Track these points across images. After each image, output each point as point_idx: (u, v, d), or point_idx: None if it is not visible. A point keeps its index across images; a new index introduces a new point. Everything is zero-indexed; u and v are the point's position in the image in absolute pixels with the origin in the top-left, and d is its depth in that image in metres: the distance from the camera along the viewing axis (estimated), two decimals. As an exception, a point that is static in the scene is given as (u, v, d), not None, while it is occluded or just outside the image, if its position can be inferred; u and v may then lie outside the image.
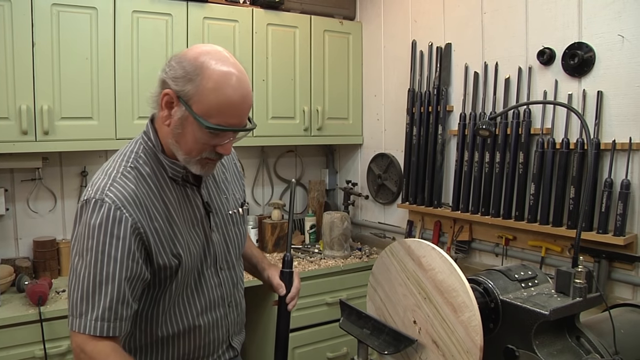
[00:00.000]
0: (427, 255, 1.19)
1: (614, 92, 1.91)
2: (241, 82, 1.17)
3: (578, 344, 1.21)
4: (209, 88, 1.14)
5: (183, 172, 1.27)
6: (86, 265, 1.14)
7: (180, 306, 1.30)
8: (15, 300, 2.21)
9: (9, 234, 2.58)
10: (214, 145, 1.21)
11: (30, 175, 2.60)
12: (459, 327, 1.10)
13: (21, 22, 2.21)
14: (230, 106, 1.16)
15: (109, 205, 1.15)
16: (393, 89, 3.01)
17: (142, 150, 1.27)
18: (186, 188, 1.30)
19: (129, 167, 1.23)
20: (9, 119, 2.22)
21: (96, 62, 2.39)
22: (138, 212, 1.18)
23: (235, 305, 1.44)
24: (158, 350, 1.32)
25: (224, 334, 1.40)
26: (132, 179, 1.21)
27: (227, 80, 1.15)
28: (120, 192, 1.18)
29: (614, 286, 1.94)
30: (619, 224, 1.84)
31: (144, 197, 1.21)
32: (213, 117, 1.15)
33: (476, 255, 2.52)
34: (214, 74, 1.15)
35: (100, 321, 1.12)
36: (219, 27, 2.72)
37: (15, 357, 2.04)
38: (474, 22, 2.45)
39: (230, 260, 1.42)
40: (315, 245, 3.18)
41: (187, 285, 1.31)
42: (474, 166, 2.37)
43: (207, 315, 1.35)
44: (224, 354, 1.43)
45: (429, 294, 1.17)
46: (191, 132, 1.18)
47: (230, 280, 1.41)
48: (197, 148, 1.20)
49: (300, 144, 3.22)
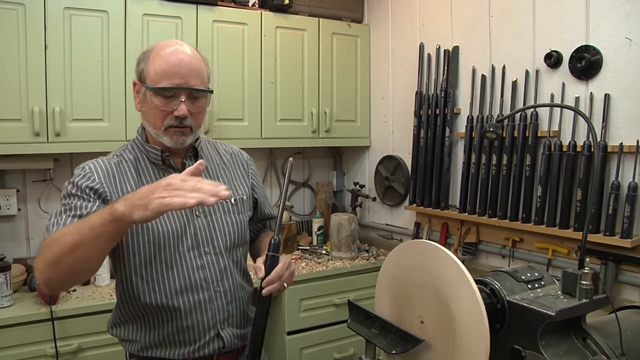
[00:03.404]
0: (434, 254, 1.20)
1: (621, 95, 1.91)
2: (179, 50, 1.35)
3: (584, 345, 1.21)
4: (152, 60, 1.34)
5: (161, 155, 1.41)
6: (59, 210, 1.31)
7: (160, 282, 1.37)
8: (27, 299, 2.25)
9: (20, 234, 2.62)
10: (171, 110, 1.34)
11: (42, 176, 2.63)
12: (464, 325, 1.11)
13: (34, 26, 2.25)
14: (169, 68, 1.32)
15: (82, 168, 1.37)
16: (401, 91, 3.02)
17: (131, 143, 1.46)
18: (168, 173, 1.39)
19: (115, 154, 1.44)
20: (21, 121, 2.26)
21: (107, 65, 2.43)
22: (107, 179, 1.36)
23: (224, 292, 1.44)
24: (139, 328, 1.40)
25: (208, 320, 1.41)
26: (114, 161, 1.41)
27: (165, 50, 1.35)
28: (96, 165, 1.38)
29: (621, 288, 1.94)
30: (626, 226, 1.84)
31: (118, 173, 1.39)
32: (159, 82, 1.32)
33: (483, 257, 2.52)
34: (158, 49, 1.36)
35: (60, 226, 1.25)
36: (228, 30, 2.74)
37: (27, 354, 2.07)
38: (481, 25, 2.46)
39: (218, 246, 1.44)
40: (323, 247, 3.19)
41: (162, 259, 1.37)
42: (481, 168, 2.38)
43: (187, 297, 1.39)
44: (210, 343, 1.42)
45: (436, 293, 1.18)
46: (150, 103, 1.34)
47: (216, 266, 1.43)
48: (157, 116, 1.35)
49: (308, 146, 3.23)
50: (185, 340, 1.39)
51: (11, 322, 2.05)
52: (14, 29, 2.21)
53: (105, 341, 2.20)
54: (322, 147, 3.46)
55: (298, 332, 2.73)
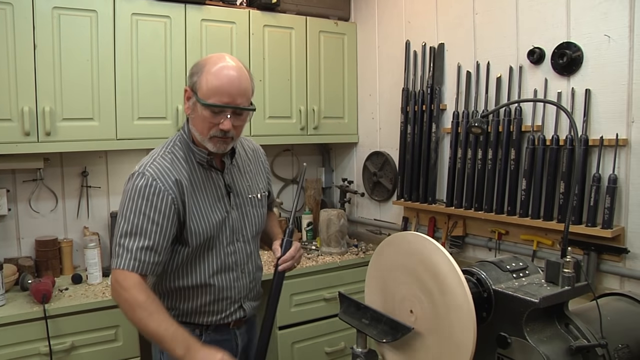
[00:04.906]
0: (422, 246, 1.24)
1: (601, 90, 1.96)
2: (232, 70, 1.51)
3: (567, 331, 1.26)
4: (206, 76, 1.50)
5: (207, 158, 1.59)
6: (125, 221, 1.50)
7: (199, 263, 1.62)
8: (20, 298, 2.25)
9: (11, 233, 2.62)
10: (217, 123, 1.51)
11: (32, 176, 2.63)
12: (452, 313, 1.15)
13: (23, 25, 2.25)
14: (220, 87, 1.48)
15: (147, 177, 1.51)
16: (387, 88, 3.06)
17: (179, 140, 1.62)
18: (211, 172, 1.63)
19: (167, 151, 1.59)
20: (11, 121, 2.26)
21: (96, 64, 2.43)
22: (170, 183, 1.52)
23: (248, 273, 1.73)
24: (180, 298, 1.64)
25: (235, 295, 1.69)
26: (169, 160, 1.57)
27: (219, 68, 1.50)
28: (158, 168, 1.53)
29: (602, 277, 1.99)
30: (606, 217, 1.90)
31: (176, 173, 1.55)
32: (210, 98, 1.49)
33: (470, 250, 2.57)
34: (212, 66, 1.51)
35: (133, 260, 1.47)
36: (216, 29, 2.76)
37: (21, 353, 2.08)
38: (466, 23, 2.50)
39: (246, 235, 1.72)
40: (313, 243, 3.22)
41: (204, 247, 1.62)
42: (467, 163, 2.43)
43: (221, 276, 1.65)
44: (235, 313, 1.71)
45: (424, 283, 1.22)
46: (199, 114, 1.51)
47: (244, 251, 1.71)
48: (205, 127, 1.52)
49: (297, 142, 3.26)
50: (216, 310, 1.67)
51: (4, 322, 2.05)
52: (2, 29, 2.21)
53: (98, 339, 2.22)
54: (311, 144, 3.49)
55: (289, 327, 2.76)
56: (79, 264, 2.70)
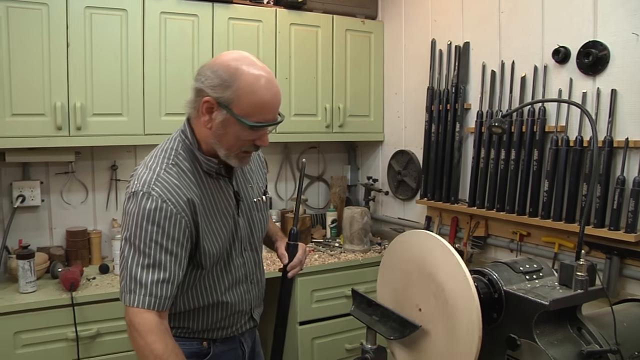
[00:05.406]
0: (430, 244, 1.25)
1: (628, 90, 1.91)
2: (271, 83, 1.33)
3: (579, 335, 1.24)
4: (246, 92, 1.29)
5: (217, 167, 1.42)
6: (135, 251, 1.29)
7: (211, 282, 1.47)
8: (50, 285, 2.35)
9: (44, 223, 2.73)
10: (253, 140, 1.36)
11: (64, 169, 2.73)
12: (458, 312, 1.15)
13: (57, 24, 2.34)
14: (266, 105, 1.32)
15: (155, 198, 1.30)
16: (413, 87, 3.05)
17: (181, 148, 1.41)
18: (219, 180, 1.46)
19: (170, 163, 1.37)
20: (44, 115, 2.36)
21: (126, 62, 2.51)
22: (182, 204, 1.33)
23: (257, 282, 1.61)
24: (190, 318, 1.48)
25: (246, 307, 1.57)
26: (175, 174, 1.36)
27: (259, 83, 1.30)
28: (165, 186, 1.32)
29: (625, 283, 1.94)
30: (630, 220, 1.85)
31: (187, 192, 1.35)
32: (253, 116, 1.31)
33: (492, 251, 2.54)
34: (249, 78, 1.30)
35: (149, 297, 1.28)
36: (243, 27, 2.80)
37: (50, 337, 2.18)
38: (491, 21, 2.47)
39: (253, 242, 1.58)
40: (336, 240, 3.25)
41: (217, 264, 1.47)
42: (490, 163, 2.40)
43: (233, 291, 1.52)
44: (245, 324, 1.59)
45: (432, 281, 1.23)
46: (233, 131, 1.33)
47: (252, 260, 1.58)
48: (238, 144, 1.36)
49: (322, 140, 3.29)
50: (228, 324, 1.54)
51: (35, 307, 2.15)
52: (37, 28, 2.30)
53: (123, 327, 2.26)
54: (337, 141, 3.50)
55: (310, 322, 2.78)
56: (107, 254, 2.79)
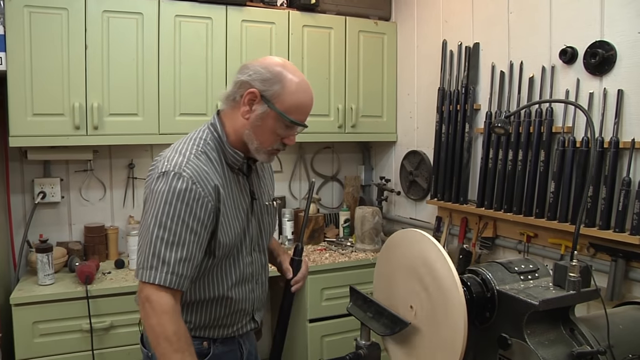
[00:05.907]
0: (421, 243, 1.27)
1: (634, 91, 1.89)
2: (309, 88, 1.46)
3: (571, 336, 1.24)
4: (290, 91, 1.40)
5: (241, 161, 1.48)
6: (160, 227, 1.33)
7: (219, 275, 1.51)
8: (67, 278, 2.45)
9: (64, 219, 2.84)
10: (283, 137, 1.44)
11: (83, 167, 2.83)
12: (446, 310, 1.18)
13: (76, 27, 2.43)
14: (304, 106, 1.44)
15: (186, 179, 1.35)
16: (425, 87, 3.06)
17: (210, 138, 1.47)
18: (239, 176, 1.52)
19: (200, 150, 1.43)
20: (63, 115, 2.45)
21: (141, 63, 2.59)
22: (210, 189, 1.39)
23: (262, 283, 1.64)
24: (194, 311, 1.51)
25: (249, 307, 1.60)
26: (203, 161, 1.42)
27: (302, 87, 1.43)
28: (195, 169, 1.38)
29: (631, 285, 1.92)
30: (635, 222, 1.83)
31: (214, 178, 1.42)
32: (292, 114, 1.41)
33: (500, 252, 2.54)
34: (294, 79, 1.41)
35: (170, 274, 1.32)
36: (256, 29, 2.85)
37: (66, 328, 2.27)
38: (500, 22, 2.47)
39: (262, 244, 1.63)
40: (349, 239, 3.28)
41: (226, 258, 1.50)
42: (498, 164, 2.40)
43: (239, 288, 1.55)
44: (247, 324, 1.62)
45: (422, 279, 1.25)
46: (270, 125, 1.41)
47: (259, 261, 1.62)
48: (271, 139, 1.44)
49: (334, 140, 3.32)
50: (229, 323, 1.57)
51: (52, 299, 2.25)
52: (57, 31, 2.40)
53: (135, 320, 2.36)
54: (351, 142, 3.53)
55: (319, 320, 2.82)
56: (123, 250, 2.87)
